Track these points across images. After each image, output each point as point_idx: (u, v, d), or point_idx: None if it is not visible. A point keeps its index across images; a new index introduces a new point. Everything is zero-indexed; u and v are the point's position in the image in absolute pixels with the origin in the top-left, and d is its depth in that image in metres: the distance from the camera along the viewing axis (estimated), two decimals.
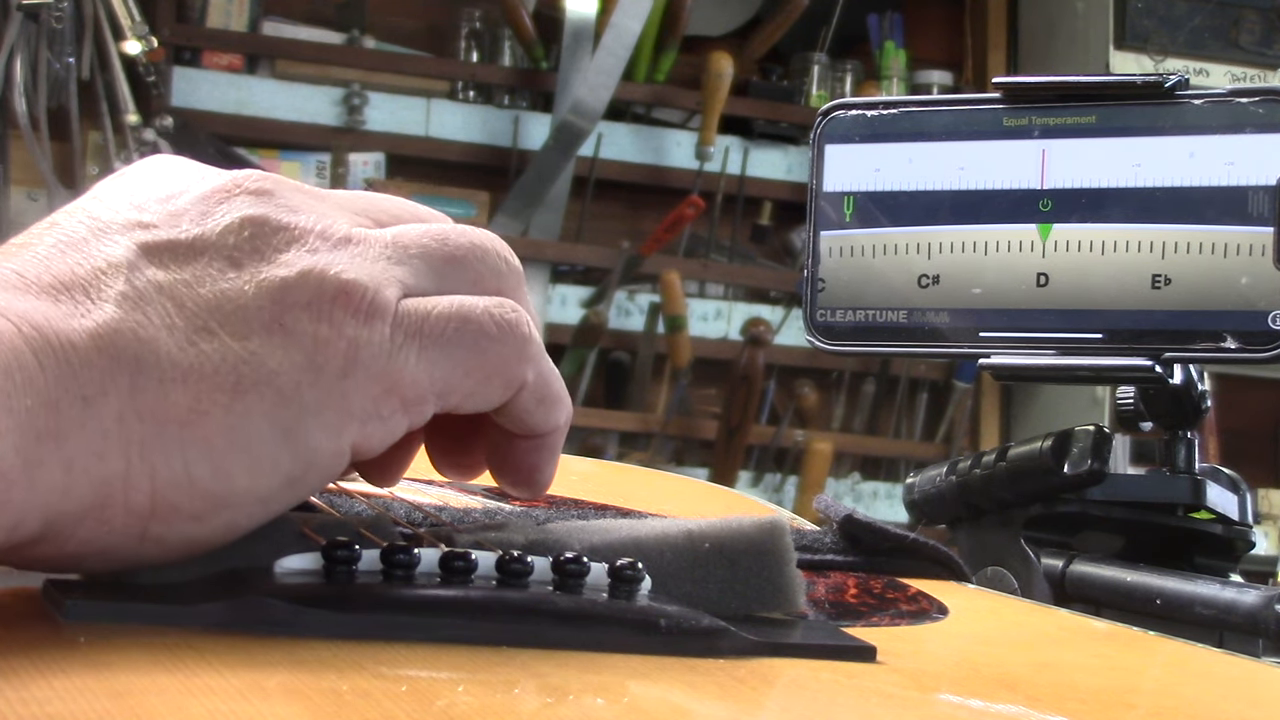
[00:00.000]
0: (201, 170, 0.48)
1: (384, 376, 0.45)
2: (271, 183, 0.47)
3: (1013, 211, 0.75)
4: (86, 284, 0.43)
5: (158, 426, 0.42)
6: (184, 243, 0.45)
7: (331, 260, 0.46)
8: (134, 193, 0.47)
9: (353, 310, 0.45)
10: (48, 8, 2.78)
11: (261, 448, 0.43)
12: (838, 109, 0.78)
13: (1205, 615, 0.73)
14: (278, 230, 0.46)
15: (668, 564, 0.47)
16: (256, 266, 0.45)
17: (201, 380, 0.43)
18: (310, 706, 0.35)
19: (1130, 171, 0.73)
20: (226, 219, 0.46)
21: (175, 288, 0.44)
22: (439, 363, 0.46)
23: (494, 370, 0.47)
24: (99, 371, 0.42)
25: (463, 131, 3.21)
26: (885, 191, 0.77)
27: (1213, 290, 0.72)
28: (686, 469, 3.08)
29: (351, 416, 0.45)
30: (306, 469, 0.44)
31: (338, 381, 0.44)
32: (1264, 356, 0.71)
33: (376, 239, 0.47)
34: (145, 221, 0.46)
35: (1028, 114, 0.75)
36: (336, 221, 0.47)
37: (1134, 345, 0.73)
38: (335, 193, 0.50)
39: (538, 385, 0.48)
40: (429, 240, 0.48)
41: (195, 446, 0.43)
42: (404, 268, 0.47)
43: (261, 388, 0.43)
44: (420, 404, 0.46)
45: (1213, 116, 0.72)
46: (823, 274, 0.78)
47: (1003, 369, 0.75)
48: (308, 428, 0.44)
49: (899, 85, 3.40)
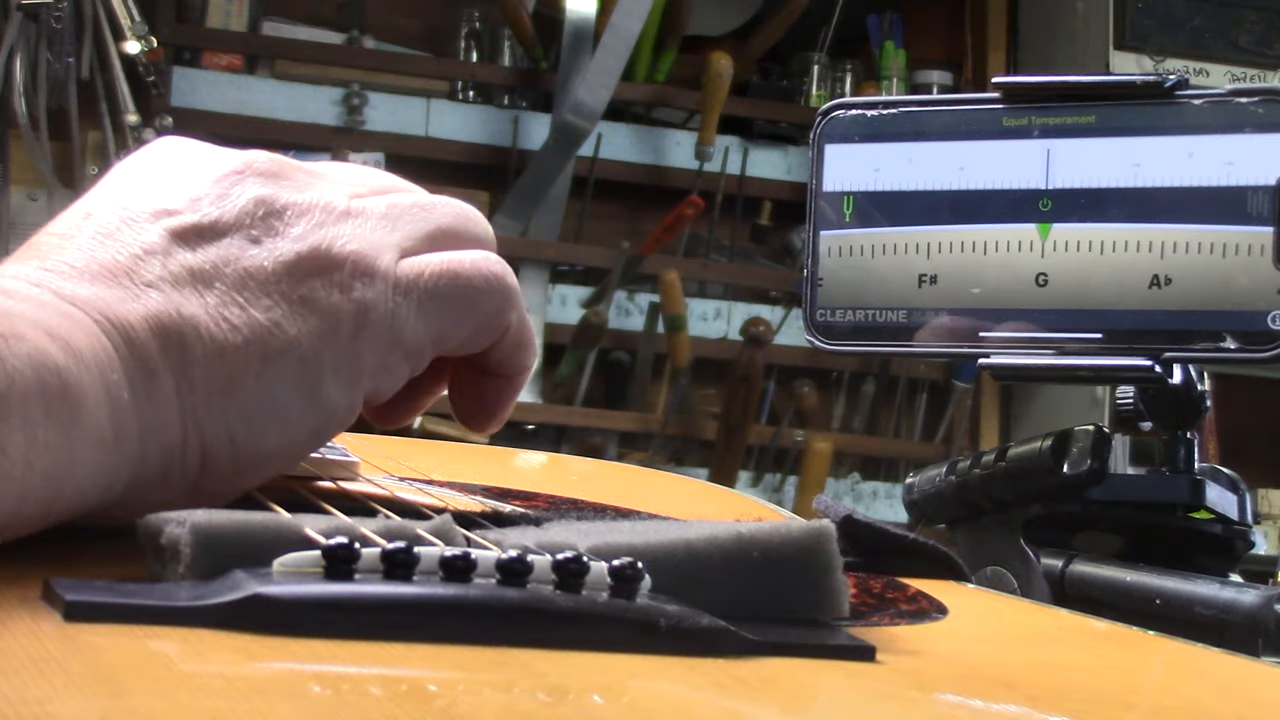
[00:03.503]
0: (212, 152, 0.52)
1: (389, 333, 0.50)
2: (277, 163, 0.52)
3: (1012, 211, 0.75)
4: (130, 271, 0.48)
5: (205, 397, 0.47)
6: (206, 225, 0.49)
7: (338, 233, 0.50)
8: (155, 179, 0.51)
9: (359, 275, 0.50)
10: (48, 8, 2.78)
11: (289, 409, 0.48)
12: (837, 109, 0.79)
13: (1205, 615, 0.73)
14: (287, 207, 0.50)
15: (716, 567, 0.48)
16: (272, 242, 0.49)
17: (235, 353, 0.47)
18: (310, 706, 0.35)
19: (1130, 171, 0.73)
20: (242, 200, 0.50)
21: (204, 269, 0.48)
22: (434, 315, 0.51)
23: (483, 318, 0.52)
24: (155, 351, 0.46)
25: (462, 131, 3.21)
26: (885, 191, 0.77)
27: (1212, 290, 0.72)
28: (686, 469, 3.08)
29: (363, 372, 0.50)
30: (327, 422, 0.49)
31: (350, 343, 0.49)
32: (1264, 356, 0.71)
33: (373, 210, 0.52)
34: (170, 208, 0.50)
35: (1027, 114, 0.75)
36: (336, 196, 0.52)
37: (1134, 345, 0.73)
38: (329, 167, 0.54)
39: (518, 330, 0.54)
40: (419, 209, 0.53)
41: (235, 412, 0.48)
42: (399, 233, 0.52)
43: (286, 355, 0.48)
44: (420, 354, 0.51)
45: (1212, 116, 0.72)
46: (822, 274, 0.78)
47: (1002, 369, 0.75)
48: (327, 387, 0.49)
49: (899, 85, 3.40)
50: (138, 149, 0.54)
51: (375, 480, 0.63)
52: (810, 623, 0.48)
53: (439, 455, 0.83)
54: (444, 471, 0.70)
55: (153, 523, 0.45)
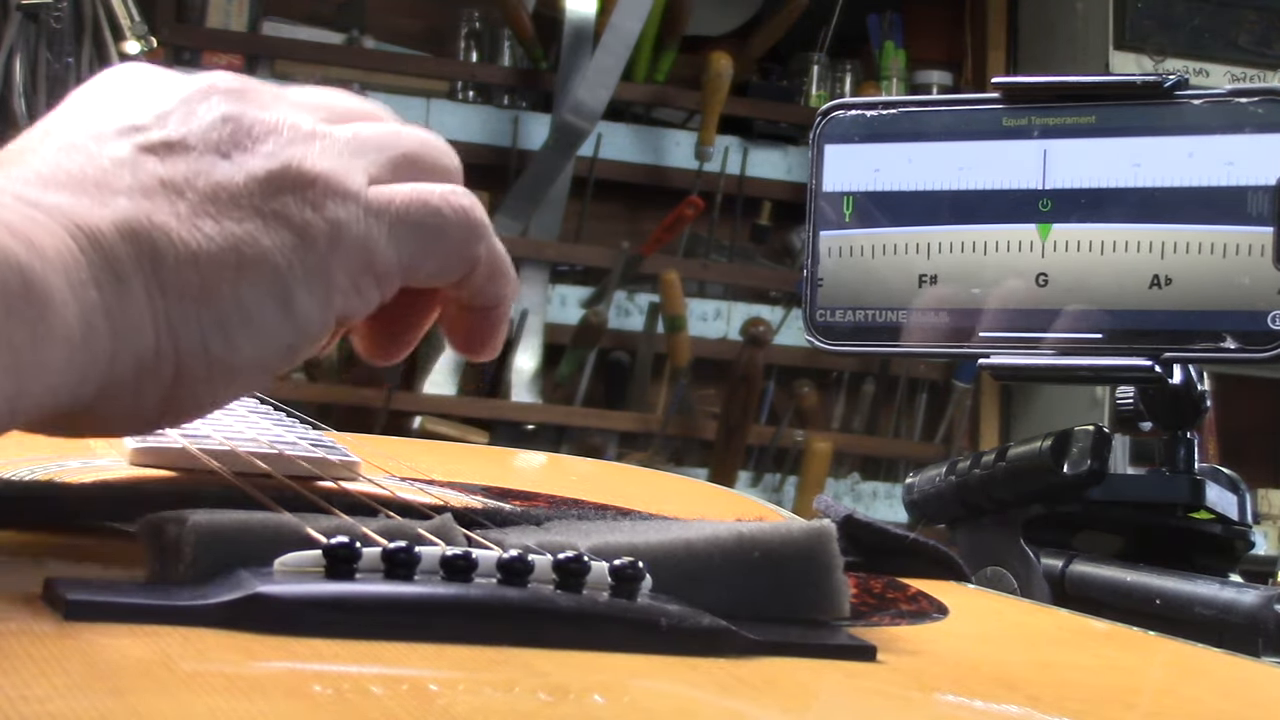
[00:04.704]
0: (172, 75, 0.52)
1: (361, 253, 0.50)
2: (240, 82, 0.52)
3: (1012, 211, 0.75)
4: (97, 181, 0.47)
5: (178, 304, 0.47)
6: (175, 140, 0.49)
7: (306, 152, 0.50)
8: (118, 99, 0.51)
9: (331, 194, 0.50)
10: (48, 8, 2.78)
11: (263, 319, 0.48)
12: (837, 109, 0.79)
13: (1205, 615, 0.73)
14: (254, 124, 0.50)
15: (716, 567, 0.48)
16: (242, 157, 0.49)
17: (209, 260, 0.47)
18: (310, 706, 0.35)
19: (1130, 171, 0.73)
20: (209, 116, 0.50)
21: (174, 180, 0.48)
22: (405, 241, 0.51)
23: (452, 249, 0.53)
24: (125, 256, 0.46)
25: (462, 131, 3.21)
26: (885, 191, 0.77)
27: (1212, 290, 0.72)
28: (686, 469, 3.07)
29: (336, 289, 0.49)
30: (300, 337, 0.49)
31: (323, 258, 0.49)
32: (1263, 356, 0.71)
33: (339, 134, 0.52)
34: (137, 124, 0.50)
35: (1027, 114, 0.75)
36: (303, 117, 0.52)
37: (1134, 345, 0.73)
38: (292, 90, 0.55)
39: (490, 262, 0.54)
40: (384, 137, 0.54)
41: (209, 320, 0.47)
42: (365, 159, 0.52)
43: (260, 264, 0.48)
44: (390, 279, 0.51)
45: (1212, 116, 0.72)
46: (822, 274, 0.78)
47: (1002, 369, 0.75)
48: (301, 300, 0.49)
49: (899, 85, 3.40)
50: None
51: (376, 480, 0.63)
52: (811, 623, 0.48)
53: (439, 455, 0.83)
54: (444, 471, 0.70)
55: (153, 522, 0.46)
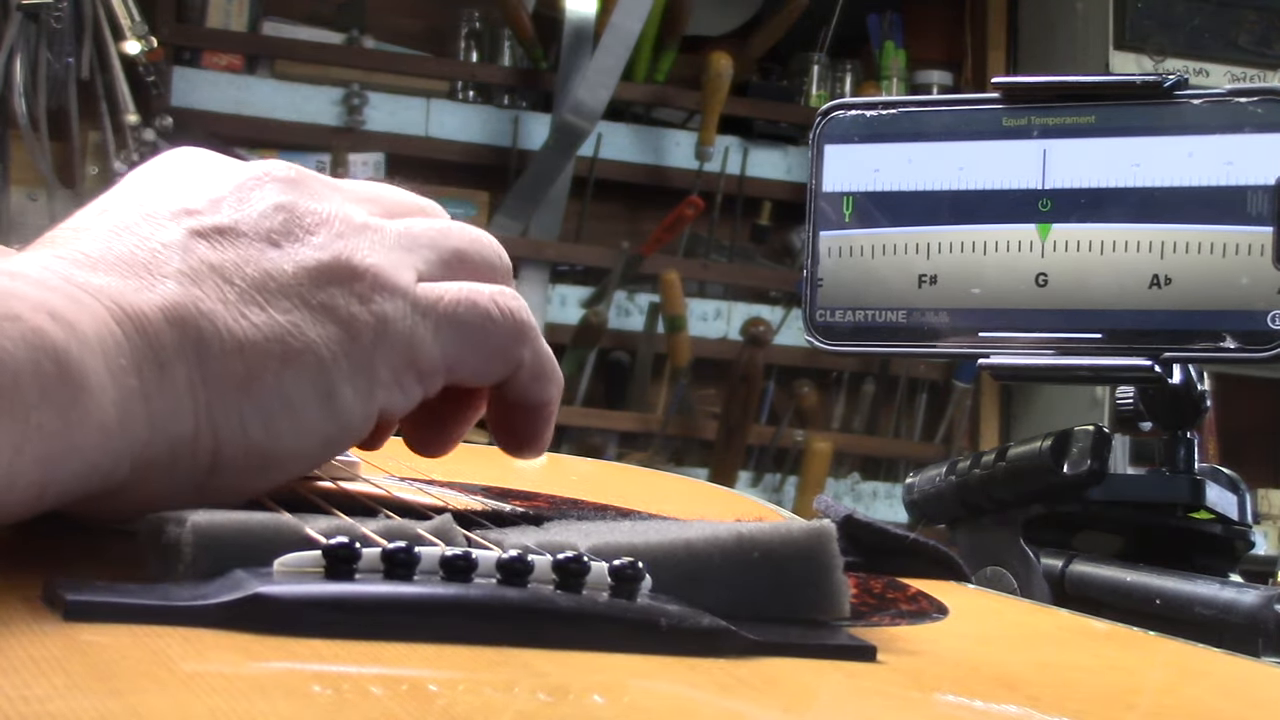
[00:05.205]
0: (227, 161, 0.53)
1: (406, 349, 0.50)
2: (296, 171, 0.53)
3: (1012, 211, 0.75)
4: (147, 263, 0.47)
5: (220, 391, 0.47)
6: (227, 226, 0.50)
7: (357, 245, 0.51)
8: (173, 182, 0.51)
9: (379, 289, 0.50)
10: (48, 8, 2.78)
11: (305, 411, 0.48)
12: (837, 109, 0.79)
13: (1205, 615, 0.73)
14: (306, 214, 0.51)
15: (716, 567, 0.48)
16: (292, 247, 0.50)
17: (254, 349, 0.47)
18: (310, 706, 0.35)
19: (1129, 171, 0.73)
20: (262, 204, 0.51)
21: (224, 266, 0.48)
22: (450, 340, 0.51)
23: (497, 349, 0.53)
24: (169, 342, 0.46)
25: (462, 131, 3.21)
26: (885, 192, 0.77)
27: (1212, 290, 0.72)
28: (686, 469, 3.08)
29: (379, 384, 0.50)
30: (342, 431, 0.49)
31: (367, 353, 0.49)
32: (1263, 356, 0.71)
33: (390, 228, 0.52)
34: (190, 208, 0.50)
35: (1027, 114, 0.75)
36: (355, 210, 0.52)
37: (1134, 345, 0.73)
38: (345, 182, 0.55)
39: (534, 364, 0.54)
40: (435, 233, 0.54)
41: (251, 409, 0.47)
42: (415, 255, 0.52)
43: (305, 356, 0.48)
44: (434, 376, 0.51)
45: (1212, 116, 0.72)
46: (822, 274, 0.78)
47: (1002, 369, 0.75)
48: (344, 393, 0.49)
49: (899, 85, 3.40)
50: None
51: (375, 480, 0.63)
52: (811, 623, 0.48)
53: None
54: (444, 471, 0.70)
55: (153, 522, 0.46)
